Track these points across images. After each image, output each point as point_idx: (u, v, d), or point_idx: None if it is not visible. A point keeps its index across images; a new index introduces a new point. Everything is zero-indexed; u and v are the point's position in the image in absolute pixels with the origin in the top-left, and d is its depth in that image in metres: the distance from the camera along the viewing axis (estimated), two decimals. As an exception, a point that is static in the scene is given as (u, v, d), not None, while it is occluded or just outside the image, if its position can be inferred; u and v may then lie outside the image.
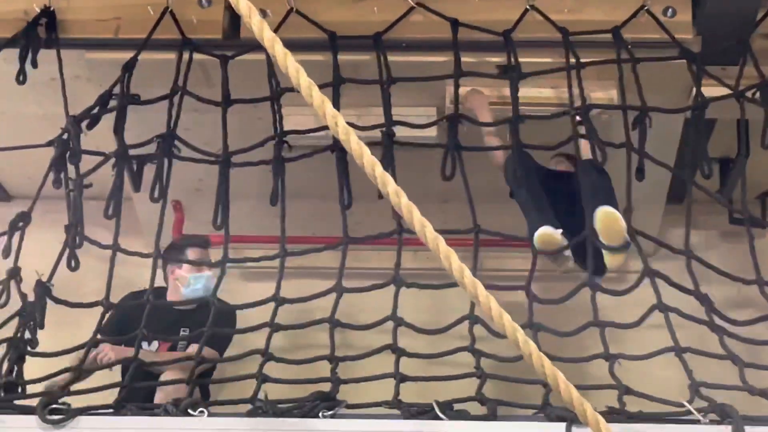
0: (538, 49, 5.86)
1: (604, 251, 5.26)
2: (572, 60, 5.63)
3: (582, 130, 5.59)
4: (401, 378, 4.80)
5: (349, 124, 3.19)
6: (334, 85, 5.58)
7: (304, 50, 3.43)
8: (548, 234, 5.32)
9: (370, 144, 3.23)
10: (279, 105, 5.67)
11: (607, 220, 5.21)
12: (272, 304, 5.16)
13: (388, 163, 5.28)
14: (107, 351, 5.54)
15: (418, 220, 3.30)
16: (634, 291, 5.09)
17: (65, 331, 6.27)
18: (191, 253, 6.09)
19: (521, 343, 3.27)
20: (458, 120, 5.60)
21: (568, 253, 5.38)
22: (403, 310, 5.14)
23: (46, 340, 5.26)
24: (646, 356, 4.91)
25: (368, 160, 3.31)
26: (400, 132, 5.65)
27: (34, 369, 5.15)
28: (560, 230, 5.33)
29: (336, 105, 4.52)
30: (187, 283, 6.00)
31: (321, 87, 3.23)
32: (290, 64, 3.28)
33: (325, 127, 3.27)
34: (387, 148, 5.49)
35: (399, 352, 4.96)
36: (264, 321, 5.12)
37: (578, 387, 3.26)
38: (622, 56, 5.63)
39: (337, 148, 5.42)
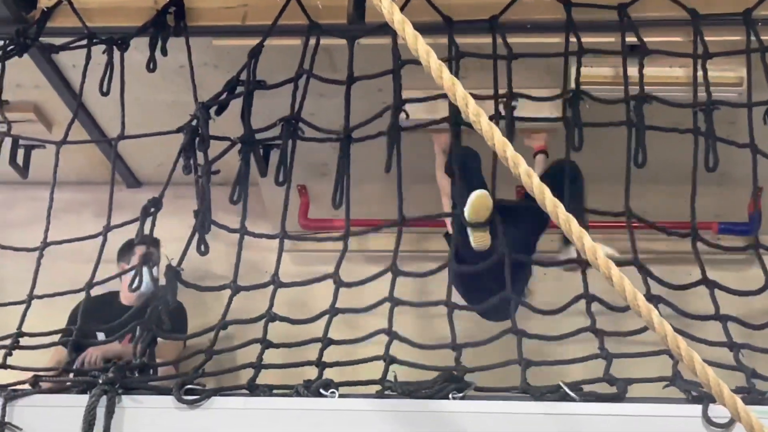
0: (662, 28, 5.76)
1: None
2: (699, 46, 5.52)
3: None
4: (526, 363, 4.69)
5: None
6: (450, 60, 5.56)
7: (426, 33, 3.42)
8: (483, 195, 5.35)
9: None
10: (399, 76, 5.59)
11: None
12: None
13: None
14: (92, 352, 5.98)
15: (550, 200, 3.30)
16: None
17: (194, 313, 6.47)
18: (138, 251, 6.16)
19: (656, 323, 3.26)
20: (581, 96, 5.56)
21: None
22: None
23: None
24: None
25: (499, 141, 3.32)
26: (522, 111, 5.63)
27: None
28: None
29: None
30: (131, 282, 5.83)
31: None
32: (420, 46, 3.30)
33: (443, 95, 3.28)
34: (509, 124, 5.47)
35: (520, 335, 4.88)
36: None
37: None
38: (752, 41, 5.49)
39: (452, 122, 5.46)
